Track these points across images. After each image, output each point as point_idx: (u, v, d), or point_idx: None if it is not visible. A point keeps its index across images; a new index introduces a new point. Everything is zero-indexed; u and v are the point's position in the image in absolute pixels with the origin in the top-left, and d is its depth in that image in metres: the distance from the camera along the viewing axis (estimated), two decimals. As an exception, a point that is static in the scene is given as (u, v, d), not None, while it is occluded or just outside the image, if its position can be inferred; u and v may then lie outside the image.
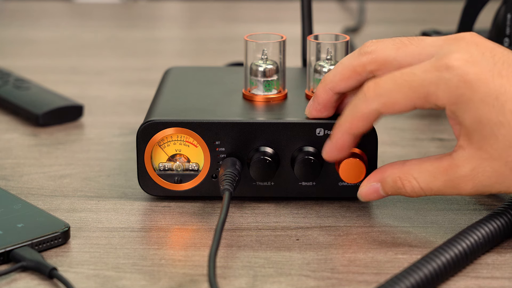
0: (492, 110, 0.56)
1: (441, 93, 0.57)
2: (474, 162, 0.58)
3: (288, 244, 0.61)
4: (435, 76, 0.57)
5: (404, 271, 0.54)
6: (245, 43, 0.69)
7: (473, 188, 0.59)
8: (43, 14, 1.32)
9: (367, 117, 0.60)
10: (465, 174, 0.58)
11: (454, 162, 0.59)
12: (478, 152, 0.58)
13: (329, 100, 0.64)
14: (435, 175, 0.60)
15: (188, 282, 0.57)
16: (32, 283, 0.57)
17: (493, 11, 0.82)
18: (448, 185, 0.59)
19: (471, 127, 0.57)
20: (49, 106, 0.85)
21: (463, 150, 0.58)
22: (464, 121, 0.58)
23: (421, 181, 0.60)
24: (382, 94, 0.59)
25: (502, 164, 0.57)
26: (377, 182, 0.62)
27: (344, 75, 0.62)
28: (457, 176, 0.59)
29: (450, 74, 0.57)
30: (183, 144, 0.66)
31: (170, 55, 1.15)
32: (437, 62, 0.58)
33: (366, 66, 0.61)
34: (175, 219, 0.65)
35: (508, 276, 0.57)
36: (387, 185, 0.62)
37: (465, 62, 0.57)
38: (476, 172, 0.58)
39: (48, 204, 0.67)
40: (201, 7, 1.37)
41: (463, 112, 0.57)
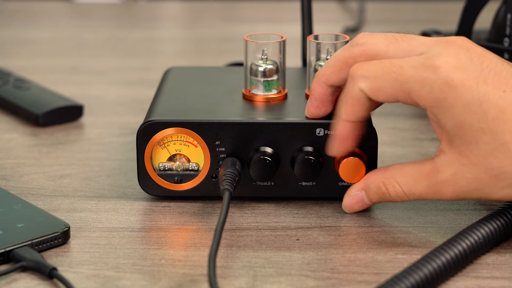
0: (475, 117, 0.56)
1: (424, 93, 0.58)
2: (455, 167, 0.58)
3: (288, 244, 0.61)
4: (421, 75, 0.57)
5: (404, 271, 0.54)
6: (245, 43, 0.69)
7: (454, 193, 0.59)
8: (43, 14, 1.32)
9: (357, 99, 0.60)
10: (446, 179, 0.59)
11: (436, 166, 0.59)
12: (459, 157, 0.58)
13: (324, 93, 0.64)
14: (417, 179, 0.60)
15: (188, 282, 0.57)
16: (32, 283, 0.57)
17: (493, 11, 0.82)
18: (430, 190, 0.60)
19: (452, 132, 0.58)
20: (49, 106, 0.85)
21: (444, 154, 0.59)
22: (446, 125, 0.58)
23: (403, 185, 0.60)
24: (367, 76, 0.59)
25: (482, 171, 0.57)
26: (361, 191, 0.63)
27: (336, 67, 0.62)
28: (439, 180, 0.59)
29: (435, 76, 0.57)
30: (183, 144, 0.66)
31: (170, 55, 1.15)
32: (425, 61, 0.58)
33: (357, 58, 0.61)
34: (175, 219, 0.65)
35: (508, 276, 0.57)
36: (371, 192, 0.62)
37: (452, 67, 0.57)
38: (456, 178, 0.58)
39: (48, 204, 0.67)
40: (201, 7, 1.37)
41: (444, 116, 0.57)
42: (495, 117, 0.56)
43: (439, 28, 0.91)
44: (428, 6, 1.35)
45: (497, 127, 0.56)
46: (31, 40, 1.18)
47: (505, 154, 0.56)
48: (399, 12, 1.33)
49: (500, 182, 0.57)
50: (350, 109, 0.61)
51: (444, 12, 1.29)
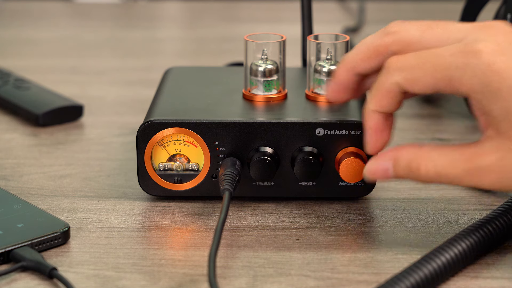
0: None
1: (466, 79, 0.56)
2: (502, 153, 0.56)
3: (288, 244, 0.61)
4: (462, 61, 0.56)
5: (404, 271, 0.54)
6: (245, 43, 0.69)
7: (496, 180, 0.56)
8: (43, 14, 1.32)
9: (390, 91, 0.58)
10: (490, 163, 0.56)
11: (480, 151, 0.56)
12: (507, 142, 0.55)
13: (348, 80, 0.62)
14: (456, 161, 0.57)
15: (188, 282, 0.57)
16: (32, 283, 0.57)
17: (493, 11, 0.82)
18: (469, 174, 0.56)
19: (499, 117, 0.55)
20: (49, 106, 0.85)
21: (490, 139, 0.56)
22: (492, 111, 0.56)
23: (439, 164, 0.57)
24: (403, 68, 0.57)
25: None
26: (389, 161, 0.59)
27: (366, 55, 0.60)
28: (481, 165, 0.56)
29: (477, 61, 0.55)
30: (183, 144, 0.66)
31: (170, 55, 1.15)
32: (465, 48, 0.56)
33: (389, 47, 0.59)
34: (175, 219, 0.65)
35: (508, 276, 0.57)
36: (400, 166, 0.59)
37: (493, 51, 0.55)
38: (502, 163, 0.56)
39: (48, 204, 0.67)
40: (201, 7, 1.37)
41: (490, 102, 0.55)
42: None
43: (439, 28, 0.90)
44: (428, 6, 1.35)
45: None
46: (31, 40, 1.18)
47: None
48: (399, 12, 1.33)
49: None
50: (380, 100, 0.59)
51: (444, 12, 1.29)
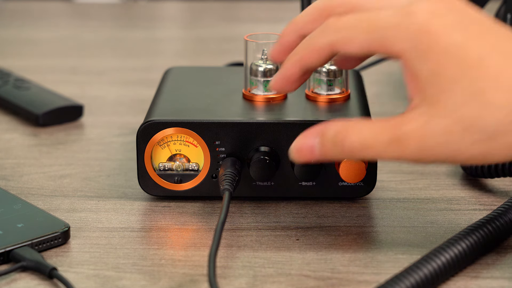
0: (450, 63, 0.54)
1: (398, 38, 0.55)
2: (425, 118, 0.54)
3: (288, 244, 0.61)
4: (397, 21, 0.55)
5: (404, 271, 0.54)
6: (245, 43, 0.69)
7: (418, 148, 0.54)
8: (43, 14, 1.32)
9: (321, 50, 0.58)
10: (412, 130, 0.54)
11: (403, 119, 0.55)
12: (431, 108, 0.54)
13: (293, 42, 0.61)
14: (381, 131, 0.55)
15: (188, 282, 0.57)
16: (32, 283, 0.57)
17: (493, 11, 0.82)
18: (391, 143, 0.54)
19: (427, 80, 0.54)
20: (49, 106, 0.85)
21: (416, 107, 0.55)
22: (420, 73, 0.54)
23: (364, 135, 0.55)
24: (340, 28, 0.57)
25: (453, 122, 0.53)
26: (316, 136, 0.57)
27: (313, 16, 0.60)
28: (403, 132, 0.54)
29: (412, 20, 0.55)
30: (183, 144, 0.66)
31: (170, 55, 1.15)
32: (402, 9, 0.55)
33: (335, 9, 0.59)
34: (175, 219, 0.65)
35: (508, 276, 0.57)
36: (326, 138, 0.57)
37: (430, 13, 0.55)
38: (424, 130, 0.54)
39: (48, 204, 0.67)
40: (201, 7, 1.37)
41: (419, 63, 0.54)
42: (471, 65, 0.53)
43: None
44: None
45: (474, 75, 0.53)
46: (31, 40, 1.18)
47: (480, 103, 0.53)
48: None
49: (471, 136, 0.53)
50: (307, 55, 0.58)
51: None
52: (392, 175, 0.72)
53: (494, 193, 0.68)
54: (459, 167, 0.72)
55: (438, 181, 0.71)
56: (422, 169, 0.73)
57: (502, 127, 0.53)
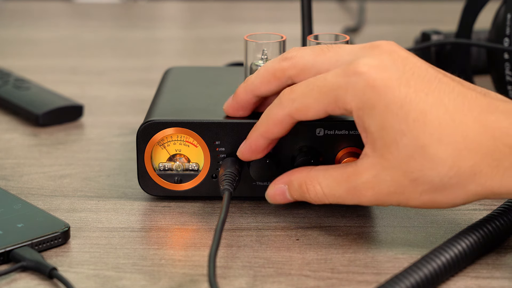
0: (396, 118, 0.56)
1: (349, 97, 0.57)
2: (375, 170, 0.57)
3: (288, 244, 0.61)
4: (344, 80, 0.57)
5: (404, 271, 0.54)
6: (245, 43, 0.69)
7: (373, 196, 0.58)
8: (43, 14, 1.32)
9: (281, 122, 0.61)
10: (366, 181, 0.58)
11: (357, 169, 0.58)
12: (380, 160, 0.57)
13: (247, 101, 0.64)
14: (339, 181, 0.59)
15: (188, 282, 0.57)
16: (32, 283, 0.57)
17: (493, 11, 0.82)
18: (349, 193, 0.59)
19: (375, 134, 0.57)
20: (49, 106, 0.85)
21: (367, 157, 0.58)
22: (369, 127, 0.57)
23: (324, 186, 0.60)
24: (295, 99, 0.60)
25: (401, 174, 0.57)
26: (284, 184, 0.63)
27: (265, 79, 0.63)
28: (358, 183, 0.58)
29: (357, 78, 0.57)
30: (183, 144, 0.66)
31: (170, 55, 1.15)
32: (347, 67, 0.58)
33: (286, 71, 0.62)
34: (175, 219, 0.65)
35: (508, 276, 0.57)
36: (293, 188, 0.62)
37: (374, 68, 0.57)
38: (376, 180, 0.58)
39: (48, 204, 0.67)
40: (201, 7, 1.37)
41: (368, 118, 0.57)
42: (415, 119, 0.56)
43: (439, 28, 0.91)
44: (428, 6, 1.35)
45: (418, 129, 0.56)
46: (31, 40, 1.18)
47: (424, 157, 0.56)
48: (399, 12, 1.33)
49: (419, 187, 0.56)
50: (271, 128, 0.61)
51: (444, 12, 1.29)
52: (392, 175, 0.72)
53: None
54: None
55: (438, 181, 0.71)
56: (422, 169, 0.73)
57: (446, 180, 0.56)
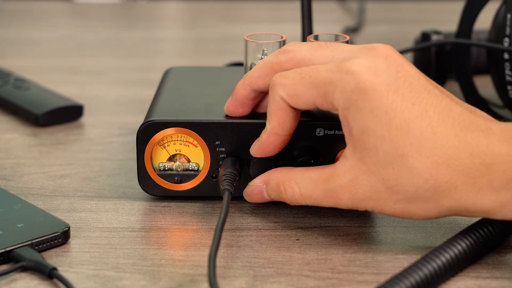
0: (379, 123, 0.56)
1: (337, 94, 0.57)
2: (353, 173, 0.58)
3: (288, 244, 0.61)
4: (335, 76, 0.58)
5: (404, 271, 0.54)
6: (245, 43, 0.69)
7: (349, 200, 0.58)
8: (43, 14, 1.32)
9: (280, 108, 0.60)
10: (343, 184, 0.58)
11: (336, 171, 0.59)
12: (359, 163, 0.57)
13: (246, 96, 0.64)
14: (316, 183, 0.60)
15: (188, 282, 0.57)
16: (32, 283, 0.57)
17: (493, 11, 0.82)
18: (326, 195, 0.59)
19: (356, 136, 0.57)
20: (49, 106, 0.85)
21: (345, 160, 0.58)
22: (352, 129, 0.57)
23: (302, 187, 0.60)
24: (286, 84, 0.60)
25: (378, 180, 0.57)
26: (262, 183, 0.63)
27: (262, 72, 0.63)
28: (336, 185, 0.58)
29: (348, 77, 0.57)
30: (183, 144, 0.66)
31: (170, 55, 1.15)
32: (341, 64, 0.58)
33: (283, 65, 0.62)
34: (175, 219, 0.65)
35: (508, 276, 0.57)
36: (270, 187, 0.62)
37: (367, 70, 0.57)
38: (353, 184, 0.58)
39: (48, 204, 0.67)
40: (201, 7, 1.37)
41: (352, 119, 0.57)
42: (398, 127, 0.56)
43: (439, 28, 0.91)
44: (428, 6, 1.35)
45: (399, 138, 0.56)
46: (31, 40, 1.18)
47: (402, 166, 0.56)
48: (399, 12, 1.33)
49: (395, 195, 0.57)
50: (276, 120, 0.61)
51: (444, 12, 1.29)
52: (392, 175, 0.72)
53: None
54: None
55: (438, 181, 0.71)
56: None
57: (421, 192, 0.56)
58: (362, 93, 0.57)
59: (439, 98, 0.57)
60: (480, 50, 0.88)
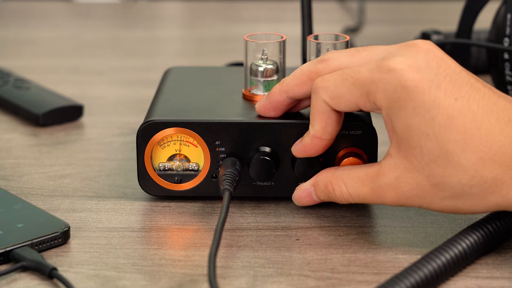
0: (422, 120, 0.56)
1: (380, 94, 0.57)
2: (399, 171, 0.58)
3: (288, 244, 0.61)
4: (377, 76, 0.57)
5: (404, 271, 0.54)
6: (245, 43, 0.69)
7: (395, 197, 0.58)
8: (43, 14, 1.32)
9: (323, 111, 0.60)
10: (389, 182, 0.58)
11: (381, 169, 0.59)
12: (404, 161, 0.57)
13: (281, 102, 0.64)
14: (363, 181, 0.60)
15: (188, 282, 0.57)
16: (32, 283, 0.57)
17: (493, 11, 0.82)
18: (373, 193, 0.59)
19: (401, 135, 0.57)
20: (49, 106, 0.85)
21: (390, 158, 0.58)
22: (396, 128, 0.57)
23: (349, 186, 0.60)
24: (327, 87, 0.60)
25: (424, 178, 0.57)
26: (310, 186, 0.63)
27: (300, 80, 0.63)
28: (382, 183, 0.59)
29: (390, 76, 0.57)
30: (183, 144, 0.66)
31: (170, 55, 1.15)
32: (381, 63, 0.58)
33: (321, 73, 0.62)
34: (175, 219, 0.65)
35: (508, 276, 0.57)
36: (319, 189, 0.63)
37: (407, 67, 0.57)
38: (399, 182, 0.58)
39: (48, 204, 0.67)
40: (201, 7, 1.37)
41: (396, 118, 0.57)
42: (442, 124, 0.56)
43: (439, 28, 0.91)
44: (428, 6, 1.35)
45: (443, 135, 0.56)
46: (31, 40, 1.18)
47: (447, 164, 0.56)
48: (399, 12, 1.33)
49: (441, 192, 0.57)
50: (319, 124, 0.61)
51: (444, 12, 1.29)
52: (392, 175, 0.72)
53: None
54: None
55: (438, 181, 0.71)
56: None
57: (467, 189, 0.56)
58: (404, 91, 0.56)
59: (482, 92, 0.57)
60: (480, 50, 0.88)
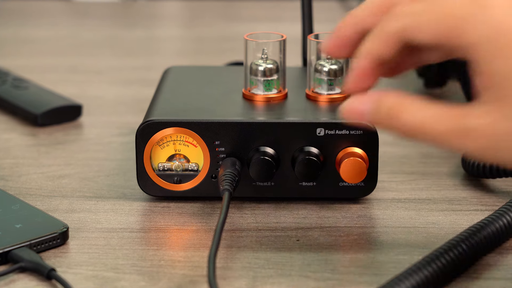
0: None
1: (471, 30, 0.51)
2: (492, 117, 0.50)
3: (288, 245, 0.61)
4: (470, 11, 0.51)
5: (405, 272, 0.54)
6: (245, 42, 0.69)
7: (483, 145, 0.50)
8: (42, 13, 1.32)
9: (390, 37, 0.53)
10: (480, 127, 0.50)
11: (471, 112, 0.51)
12: (501, 108, 0.50)
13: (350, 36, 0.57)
14: (442, 116, 0.51)
15: (187, 283, 0.56)
16: (30, 284, 0.56)
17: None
18: (454, 133, 0.51)
19: (501, 79, 0.50)
20: (47, 105, 0.84)
21: (484, 103, 0.51)
22: (494, 70, 0.50)
23: (423, 115, 0.52)
24: (409, 13, 0.53)
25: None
26: (370, 103, 0.54)
27: (372, 10, 0.56)
28: (470, 126, 0.50)
29: (485, 14, 0.51)
30: (183, 144, 0.66)
31: (169, 54, 1.15)
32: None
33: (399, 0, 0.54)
34: (174, 219, 0.65)
35: (509, 277, 0.57)
36: (381, 109, 0.53)
37: (506, 7, 0.51)
38: (492, 129, 0.50)
39: (47, 204, 0.67)
40: (201, 6, 1.37)
41: (494, 59, 0.50)
42: None
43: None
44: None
45: None
46: (30, 39, 1.17)
47: None
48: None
49: None
50: (378, 44, 0.54)
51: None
52: (393, 175, 0.72)
53: (496, 194, 0.68)
54: (460, 167, 0.72)
55: (440, 182, 0.70)
56: (423, 169, 0.73)
57: None
58: (501, 32, 0.50)
59: None
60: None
